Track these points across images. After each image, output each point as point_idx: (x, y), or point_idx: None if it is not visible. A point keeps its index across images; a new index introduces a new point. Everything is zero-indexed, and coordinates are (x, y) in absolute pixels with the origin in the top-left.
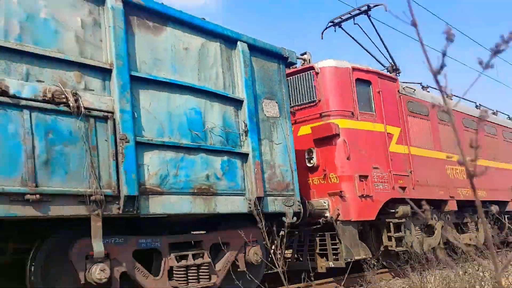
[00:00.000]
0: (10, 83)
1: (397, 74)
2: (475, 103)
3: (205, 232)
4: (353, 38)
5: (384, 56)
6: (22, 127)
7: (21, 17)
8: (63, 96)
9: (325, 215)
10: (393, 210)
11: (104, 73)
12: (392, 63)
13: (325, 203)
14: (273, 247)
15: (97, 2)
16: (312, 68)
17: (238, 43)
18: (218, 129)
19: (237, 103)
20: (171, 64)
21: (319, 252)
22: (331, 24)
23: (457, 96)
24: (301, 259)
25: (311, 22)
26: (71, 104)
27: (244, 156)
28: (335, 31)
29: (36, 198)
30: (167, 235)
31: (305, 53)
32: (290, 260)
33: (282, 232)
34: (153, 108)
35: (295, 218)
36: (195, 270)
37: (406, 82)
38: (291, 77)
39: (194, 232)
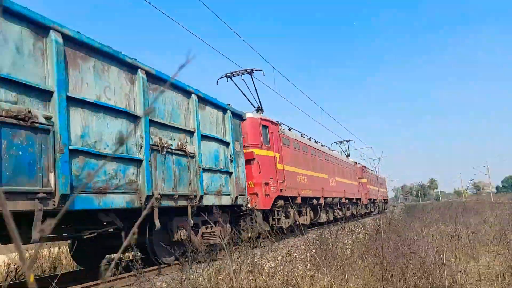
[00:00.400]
0: None
1: (262, 113)
2: (310, 137)
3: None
4: (238, 87)
5: (256, 101)
6: None
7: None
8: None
9: (248, 206)
10: (277, 203)
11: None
12: (259, 105)
13: (249, 199)
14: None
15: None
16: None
17: (228, 111)
18: (223, 158)
19: (226, 144)
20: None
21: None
22: (225, 75)
23: (297, 130)
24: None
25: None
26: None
27: (230, 174)
28: (227, 81)
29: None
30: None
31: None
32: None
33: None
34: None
35: (247, 207)
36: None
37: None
38: None
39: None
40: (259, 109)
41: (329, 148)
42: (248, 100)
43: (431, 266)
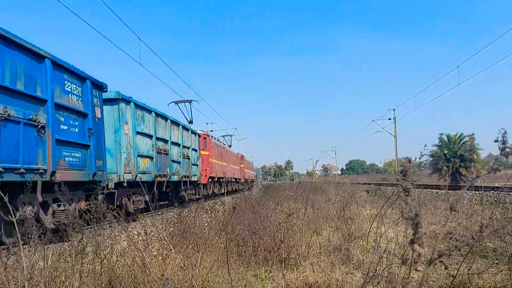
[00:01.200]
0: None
1: (191, 124)
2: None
3: None
4: (181, 111)
5: (188, 119)
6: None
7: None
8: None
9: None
10: (209, 180)
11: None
12: (191, 120)
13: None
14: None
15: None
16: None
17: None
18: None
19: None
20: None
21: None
22: (173, 102)
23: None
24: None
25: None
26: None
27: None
28: (174, 105)
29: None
30: None
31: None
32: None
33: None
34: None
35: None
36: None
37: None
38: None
39: None
40: (191, 122)
41: (230, 146)
42: (186, 118)
43: (278, 242)
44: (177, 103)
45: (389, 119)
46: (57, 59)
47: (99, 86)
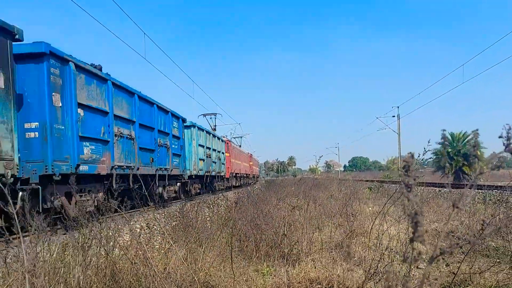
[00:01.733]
0: None
1: (215, 131)
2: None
3: None
4: (208, 122)
5: (212, 127)
6: None
7: None
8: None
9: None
10: (229, 175)
11: None
12: (214, 128)
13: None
14: None
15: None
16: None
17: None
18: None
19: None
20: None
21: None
22: (202, 115)
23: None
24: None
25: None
26: None
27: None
28: (203, 117)
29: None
30: None
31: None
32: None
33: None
34: None
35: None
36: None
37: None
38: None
39: None
40: (214, 129)
41: (239, 146)
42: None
43: (281, 237)
44: (205, 116)
45: (393, 116)
46: (174, 112)
47: (183, 119)
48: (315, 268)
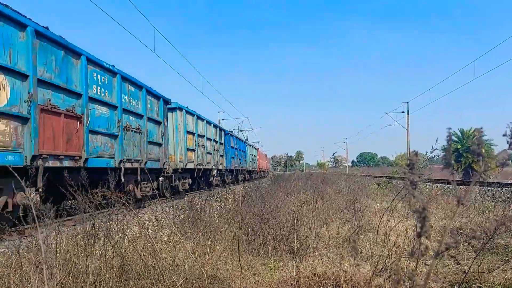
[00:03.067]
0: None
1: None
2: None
3: None
4: (243, 134)
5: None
6: None
7: None
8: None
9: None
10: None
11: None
12: (246, 139)
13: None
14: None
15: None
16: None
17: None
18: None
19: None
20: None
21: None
22: (240, 130)
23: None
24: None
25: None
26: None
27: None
28: (240, 132)
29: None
30: None
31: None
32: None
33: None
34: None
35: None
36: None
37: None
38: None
39: None
40: (246, 140)
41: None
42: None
43: (288, 231)
44: (241, 131)
45: (402, 112)
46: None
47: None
48: (322, 263)
